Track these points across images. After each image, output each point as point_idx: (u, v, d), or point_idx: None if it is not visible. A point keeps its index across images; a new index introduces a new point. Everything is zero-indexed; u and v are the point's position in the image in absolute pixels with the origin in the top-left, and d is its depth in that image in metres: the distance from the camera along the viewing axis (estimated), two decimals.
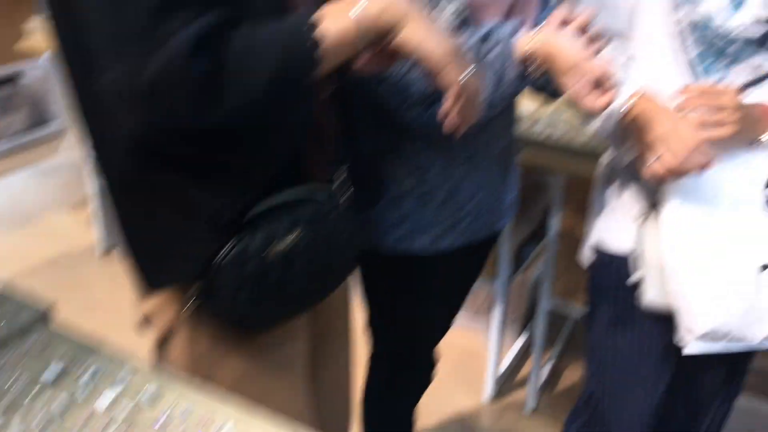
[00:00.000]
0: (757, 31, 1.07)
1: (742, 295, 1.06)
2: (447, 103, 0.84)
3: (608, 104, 0.99)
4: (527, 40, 1.04)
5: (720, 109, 1.03)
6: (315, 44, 0.76)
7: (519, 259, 2.17)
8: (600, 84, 0.98)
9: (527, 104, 1.92)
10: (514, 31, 1.06)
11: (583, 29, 1.03)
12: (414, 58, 0.81)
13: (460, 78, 0.81)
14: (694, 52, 1.12)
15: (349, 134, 1.08)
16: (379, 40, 0.80)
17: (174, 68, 0.69)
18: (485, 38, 1.05)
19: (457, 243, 1.26)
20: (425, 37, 0.79)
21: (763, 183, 1.09)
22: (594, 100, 0.98)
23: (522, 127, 1.87)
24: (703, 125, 1.03)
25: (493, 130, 1.23)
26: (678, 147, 1.03)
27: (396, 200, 1.22)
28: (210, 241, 0.84)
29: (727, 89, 1.07)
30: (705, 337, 1.09)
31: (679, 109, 1.05)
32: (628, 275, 1.22)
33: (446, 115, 0.85)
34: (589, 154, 1.63)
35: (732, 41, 1.09)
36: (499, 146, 1.26)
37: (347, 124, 1.06)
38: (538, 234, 2.16)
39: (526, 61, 1.05)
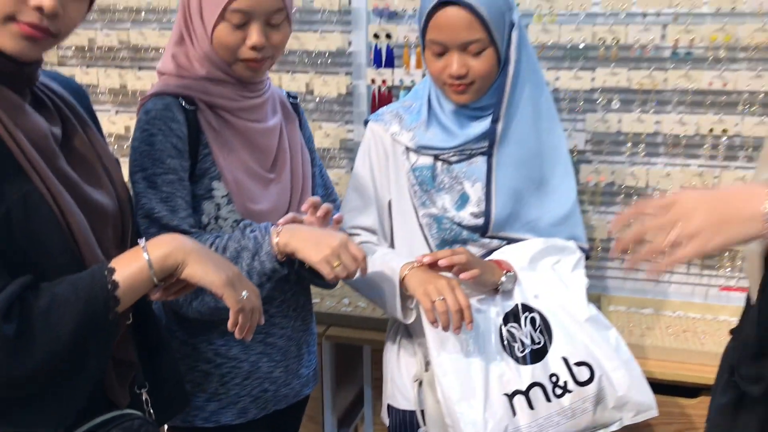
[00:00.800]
0: (477, 222, 1.44)
1: (500, 421, 1.32)
2: (231, 318, 1.04)
3: (352, 274, 1.25)
4: (279, 228, 1.29)
5: (463, 257, 1.32)
6: (114, 287, 0.93)
7: (345, 425, 2.33)
8: (336, 255, 1.23)
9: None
10: (270, 225, 1.31)
11: (324, 220, 1.32)
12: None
13: (239, 299, 1.02)
14: (437, 239, 1.45)
15: (150, 350, 1.21)
16: (169, 276, 0.99)
17: None
18: (245, 227, 1.31)
19: (262, 413, 1.45)
20: (206, 271, 0.99)
21: (499, 323, 1.39)
22: (331, 273, 1.24)
23: (330, 305, 2.13)
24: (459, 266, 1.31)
25: (285, 313, 1.47)
26: (450, 297, 1.29)
27: (200, 383, 1.40)
28: None
29: (458, 248, 1.38)
30: None
31: (431, 266, 1.33)
32: (419, 427, 1.45)
33: (234, 326, 1.05)
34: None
35: (462, 229, 1.44)
36: (292, 326, 1.49)
37: (147, 341, 1.21)
38: (361, 399, 2.35)
39: (279, 238, 1.27)
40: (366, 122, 1.56)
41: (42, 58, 1.01)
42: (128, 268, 0.96)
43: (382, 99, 2.18)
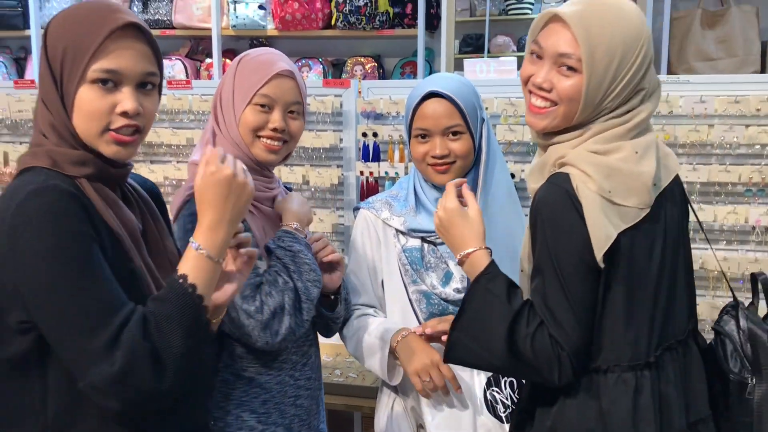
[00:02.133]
0: (460, 297, 1.52)
1: None
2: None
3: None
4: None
5: (446, 325, 1.40)
6: (194, 289, 1.00)
7: None
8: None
9: (328, 351, 2.26)
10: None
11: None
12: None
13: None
14: (426, 313, 1.55)
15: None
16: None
17: (137, 353, 0.94)
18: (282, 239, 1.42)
19: None
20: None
21: (483, 388, 1.47)
22: None
23: (324, 375, 2.18)
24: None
25: (308, 375, 1.52)
26: (435, 374, 1.41)
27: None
28: None
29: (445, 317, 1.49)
30: None
31: (425, 328, 1.46)
32: None
33: None
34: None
35: (448, 304, 1.54)
36: (313, 386, 1.54)
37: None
38: None
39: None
40: (356, 209, 1.68)
41: (132, 162, 1.14)
42: (196, 270, 1.03)
43: (369, 188, 2.32)
